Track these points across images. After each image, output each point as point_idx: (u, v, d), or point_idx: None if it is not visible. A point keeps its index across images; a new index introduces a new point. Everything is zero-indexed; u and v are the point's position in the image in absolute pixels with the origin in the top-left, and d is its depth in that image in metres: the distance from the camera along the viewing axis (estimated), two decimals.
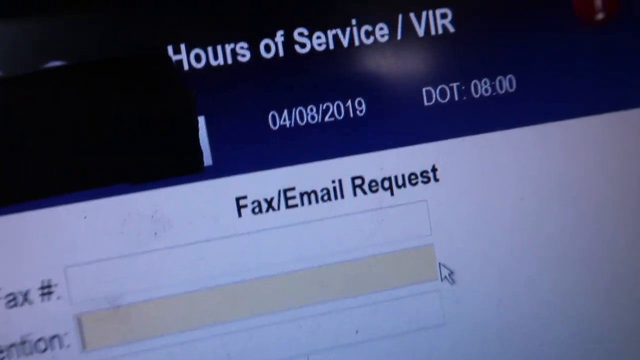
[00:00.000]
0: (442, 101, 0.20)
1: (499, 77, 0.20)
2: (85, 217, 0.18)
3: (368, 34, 0.19)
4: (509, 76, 0.20)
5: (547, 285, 0.21)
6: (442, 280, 0.20)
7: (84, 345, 0.18)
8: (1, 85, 0.18)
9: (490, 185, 0.20)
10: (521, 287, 0.21)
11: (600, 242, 0.21)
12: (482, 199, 0.20)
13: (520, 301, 0.21)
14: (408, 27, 0.19)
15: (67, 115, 0.18)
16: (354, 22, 0.19)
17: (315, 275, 0.20)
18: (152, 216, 0.18)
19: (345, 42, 0.19)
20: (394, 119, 0.20)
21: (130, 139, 0.18)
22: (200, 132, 0.19)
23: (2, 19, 0.18)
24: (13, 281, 0.18)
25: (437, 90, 0.20)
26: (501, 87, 0.20)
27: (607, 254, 0.21)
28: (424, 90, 0.20)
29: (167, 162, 0.18)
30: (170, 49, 0.18)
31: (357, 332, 0.20)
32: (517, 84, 0.20)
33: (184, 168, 0.19)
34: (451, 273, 0.20)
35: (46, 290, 0.18)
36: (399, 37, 0.19)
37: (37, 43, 0.18)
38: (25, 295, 0.18)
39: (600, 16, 0.20)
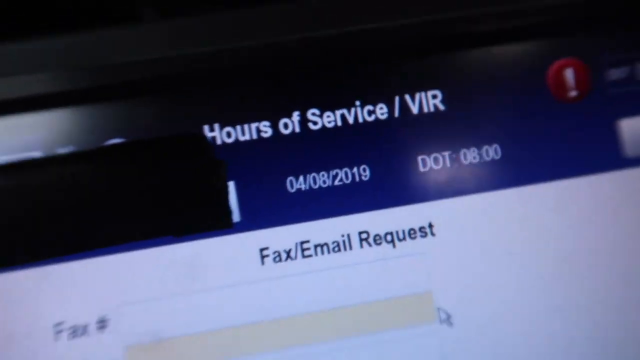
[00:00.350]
0: (436, 167, 0.23)
1: (485, 147, 0.23)
2: (137, 263, 0.22)
3: (370, 113, 0.23)
4: (494, 145, 0.23)
5: (538, 328, 0.23)
6: (440, 323, 0.23)
7: None
8: (74, 157, 0.22)
9: (481, 239, 0.23)
10: (514, 329, 0.23)
11: (583, 290, 0.23)
12: (475, 251, 0.23)
13: (515, 342, 0.23)
14: (404, 107, 0.23)
15: (127, 182, 0.22)
16: (357, 103, 0.23)
17: (326, 316, 0.23)
18: (191, 263, 0.22)
19: (350, 120, 0.23)
20: (394, 182, 0.23)
21: (174, 200, 0.22)
22: (230, 194, 0.23)
23: (74, 104, 0.22)
24: (76, 316, 0.22)
25: (431, 158, 0.23)
26: (487, 155, 0.23)
27: (590, 302, 0.23)
28: (419, 158, 0.23)
29: (204, 219, 0.22)
30: (206, 128, 0.23)
31: None
32: (501, 152, 0.23)
33: (217, 224, 0.22)
34: (449, 317, 0.23)
35: (101, 324, 0.22)
36: (396, 115, 0.23)
37: (101, 124, 0.22)
38: (85, 328, 0.22)
39: (573, 94, 0.24)
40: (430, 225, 0.23)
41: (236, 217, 0.23)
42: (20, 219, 0.22)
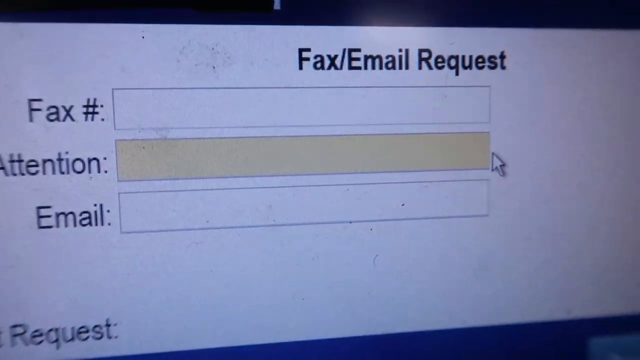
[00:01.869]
0: None
1: None
2: (143, 37, 0.17)
3: None
4: None
5: (596, 192, 0.20)
6: (492, 170, 0.20)
7: (121, 172, 0.18)
8: None
9: (556, 82, 0.20)
10: (571, 189, 0.20)
11: None
12: (547, 95, 0.20)
13: (567, 203, 0.20)
14: None
15: None
16: None
17: (368, 143, 0.19)
18: (213, 48, 0.18)
19: None
20: None
21: None
22: None
23: None
24: (57, 94, 0.17)
25: None
26: None
27: None
28: None
29: None
30: None
31: (402, 205, 0.19)
32: None
33: (255, 5, 0.18)
34: (503, 165, 0.20)
35: (91, 109, 0.17)
36: None
37: None
38: (68, 112, 0.17)
39: None
40: (502, 56, 0.19)
41: (276, 4, 0.18)
42: None
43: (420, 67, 0.19)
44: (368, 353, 0.20)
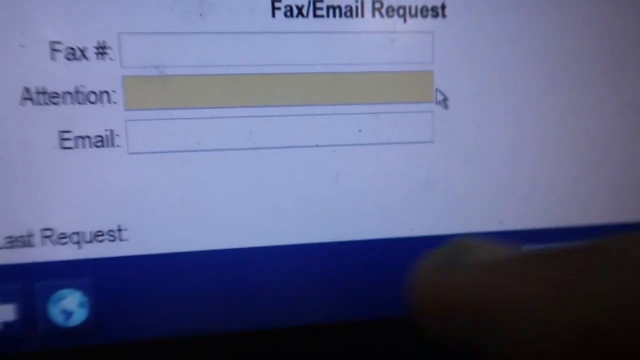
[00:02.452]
0: None
1: None
2: None
3: None
4: None
5: (524, 119, 0.24)
6: (436, 103, 0.24)
7: (127, 103, 0.22)
8: None
9: (490, 26, 0.24)
10: (506, 123, 0.24)
11: (579, 92, 0.24)
12: (482, 39, 0.24)
13: (499, 130, 0.24)
14: None
15: None
16: None
17: (331, 79, 0.23)
18: (200, 0, 0.21)
19: None
20: None
21: None
22: None
23: None
24: (73, 37, 0.21)
25: None
26: None
27: (581, 106, 0.25)
28: None
29: None
30: None
31: (360, 131, 0.23)
32: None
33: None
34: (445, 99, 0.24)
35: (101, 50, 0.21)
36: None
37: None
38: (82, 52, 0.21)
39: None
40: (443, 6, 0.23)
41: None
42: None
43: (373, 16, 0.23)
44: (331, 255, 0.24)
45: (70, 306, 0.22)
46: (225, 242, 0.23)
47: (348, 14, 0.23)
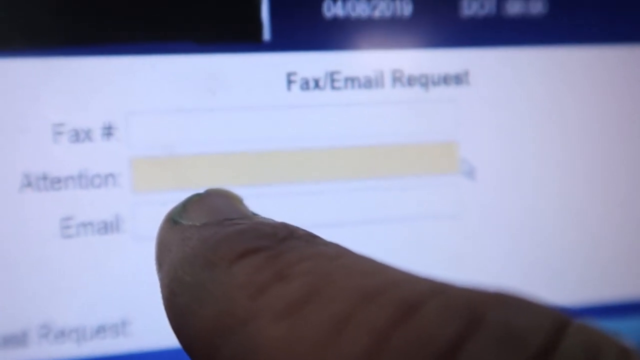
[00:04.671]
0: (480, 12, 0.22)
1: None
2: (152, 67, 0.20)
3: None
4: None
5: (558, 193, 0.23)
6: (462, 174, 0.22)
7: (134, 186, 0.20)
8: None
9: (515, 94, 0.22)
10: (535, 191, 0.23)
11: (609, 161, 0.23)
12: (508, 106, 0.22)
13: (532, 205, 0.23)
14: None
15: None
16: None
17: (347, 153, 0.21)
18: (212, 74, 0.20)
19: None
20: (436, 23, 0.22)
21: (200, 2, 0.20)
22: (262, 8, 0.21)
23: None
24: (78, 119, 0.20)
25: (477, 2, 0.22)
26: (534, 7, 0.22)
27: (615, 173, 0.23)
28: (464, 0, 0.22)
29: (232, 28, 0.20)
30: None
31: (381, 206, 0.21)
32: (549, 6, 0.22)
33: (246, 36, 0.20)
34: (472, 169, 0.22)
35: (107, 131, 0.20)
36: None
37: None
38: (87, 133, 0.20)
39: None
40: (466, 73, 0.22)
41: (266, 34, 0.21)
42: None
43: (394, 86, 0.22)
44: None
45: None
46: None
47: (367, 85, 0.21)
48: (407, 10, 0.22)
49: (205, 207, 0.11)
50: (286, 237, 0.09)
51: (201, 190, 0.12)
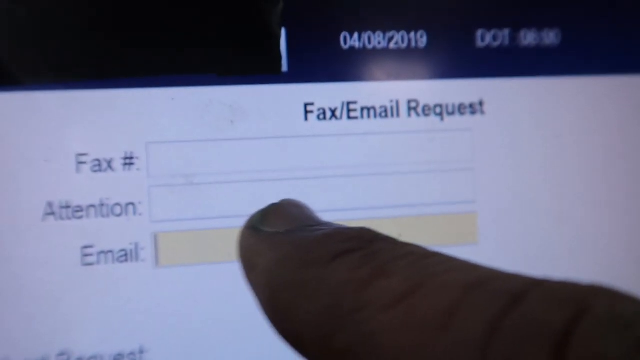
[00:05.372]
0: (494, 43, 0.22)
1: (546, 29, 0.23)
2: (172, 100, 0.20)
3: None
4: (555, 29, 0.23)
5: (572, 218, 0.23)
6: (478, 203, 0.22)
7: (154, 214, 0.20)
8: None
9: (529, 123, 0.23)
10: (552, 217, 0.23)
11: (630, 188, 0.23)
12: (522, 135, 0.22)
13: (547, 233, 0.23)
14: None
15: (174, 5, 0.20)
16: None
17: (367, 181, 0.22)
18: (232, 105, 0.21)
19: None
20: (450, 53, 0.22)
21: (221, 36, 0.20)
22: (281, 40, 0.21)
23: None
24: (100, 149, 0.20)
25: (491, 34, 0.22)
26: (548, 38, 0.23)
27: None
28: (478, 32, 0.22)
29: (251, 61, 0.21)
30: None
31: (399, 235, 0.21)
32: (562, 37, 0.23)
33: (265, 68, 0.21)
34: (489, 201, 0.22)
35: (128, 161, 0.20)
36: None
37: None
38: (109, 163, 0.20)
39: None
40: (481, 103, 0.22)
41: (284, 66, 0.21)
42: (49, 31, 0.20)
43: (409, 115, 0.22)
44: None
45: None
46: None
47: (383, 114, 0.22)
48: (422, 41, 0.22)
49: (283, 216, 0.12)
50: (372, 239, 0.10)
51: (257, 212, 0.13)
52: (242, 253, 0.11)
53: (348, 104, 0.22)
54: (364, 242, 0.09)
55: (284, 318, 0.10)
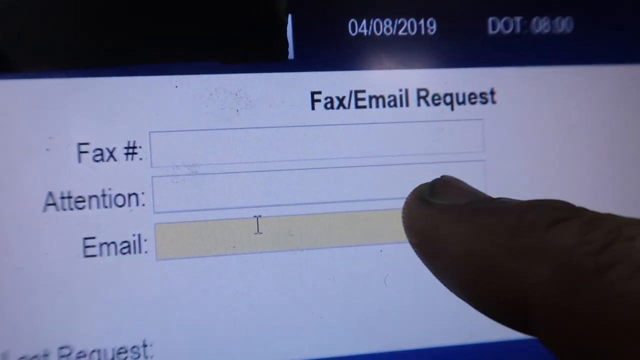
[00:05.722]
0: (505, 31, 0.22)
1: (558, 17, 0.22)
2: (176, 87, 0.20)
3: None
4: (567, 17, 0.22)
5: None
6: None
7: (157, 205, 0.20)
8: None
9: (540, 112, 0.22)
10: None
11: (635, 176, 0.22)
12: (534, 124, 0.22)
13: None
14: None
15: None
16: None
17: (376, 172, 0.21)
18: (237, 94, 0.20)
19: None
20: (460, 42, 0.22)
21: (227, 24, 0.20)
22: (287, 27, 0.20)
23: None
24: (102, 139, 0.20)
25: (502, 22, 0.22)
26: (559, 26, 0.22)
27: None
28: (490, 19, 0.22)
29: (257, 48, 0.20)
30: None
31: None
32: (574, 26, 0.22)
33: (271, 55, 0.20)
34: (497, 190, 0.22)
35: (130, 150, 0.20)
36: None
37: None
38: (111, 152, 0.20)
39: None
40: (492, 92, 0.22)
41: (290, 54, 0.21)
42: (50, 19, 0.19)
43: (419, 105, 0.21)
44: None
45: None
46: (262, 357, 0.20)
47: (392, 103, 0.21)
48: (432, 28, 0.21)
49: (456, 189, 0.11)
50: (574, 208, 0.10)
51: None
52: (416, 224, 0.11)
53: (356, 92, 0.21)
54: (573, 211, 0.09)
55: (502, 282, 0.09)
